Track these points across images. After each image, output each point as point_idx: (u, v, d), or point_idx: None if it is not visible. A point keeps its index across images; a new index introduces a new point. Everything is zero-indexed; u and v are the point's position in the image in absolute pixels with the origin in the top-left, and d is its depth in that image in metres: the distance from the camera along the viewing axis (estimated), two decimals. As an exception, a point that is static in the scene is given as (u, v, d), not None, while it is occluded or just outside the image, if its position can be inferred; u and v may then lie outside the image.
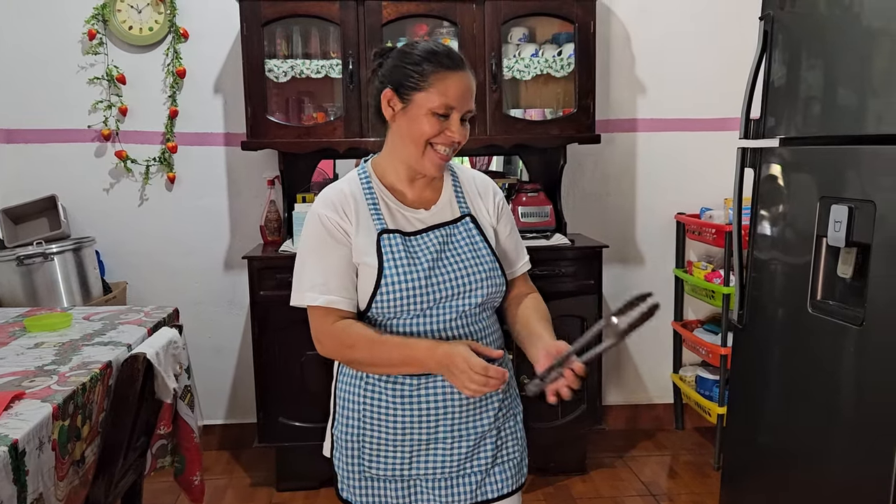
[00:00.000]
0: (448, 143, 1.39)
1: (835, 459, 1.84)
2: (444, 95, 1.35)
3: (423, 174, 1.44)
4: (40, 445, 1.38)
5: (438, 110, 1.36)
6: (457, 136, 1.38)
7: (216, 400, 3.33)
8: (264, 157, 3.19)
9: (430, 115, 1.36)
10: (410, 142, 1.39)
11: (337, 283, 1.40)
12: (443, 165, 1.43)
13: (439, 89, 1.35)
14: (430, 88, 1.36)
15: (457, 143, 1.40)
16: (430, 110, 1.36)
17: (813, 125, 1.96)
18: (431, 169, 1.41)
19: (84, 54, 3.10)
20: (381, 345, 1.37)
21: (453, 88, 1.36)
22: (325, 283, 1.39)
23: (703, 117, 3.35)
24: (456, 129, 1.38)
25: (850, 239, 1.76)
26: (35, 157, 3.14)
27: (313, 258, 1.41)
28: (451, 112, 1.37)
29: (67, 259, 2.83)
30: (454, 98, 1.36)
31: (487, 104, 2.93)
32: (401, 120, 1.40)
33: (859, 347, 1.75)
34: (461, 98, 1.37)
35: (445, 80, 1.36)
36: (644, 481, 2.97)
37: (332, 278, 1.40)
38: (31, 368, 1.70)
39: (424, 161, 1.40)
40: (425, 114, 1.36)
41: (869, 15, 1.76)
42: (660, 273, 3.41)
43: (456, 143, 1.40)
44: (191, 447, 2.08)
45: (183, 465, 2.08)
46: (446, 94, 1.35)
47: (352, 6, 2.84)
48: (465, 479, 1.47)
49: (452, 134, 1.38)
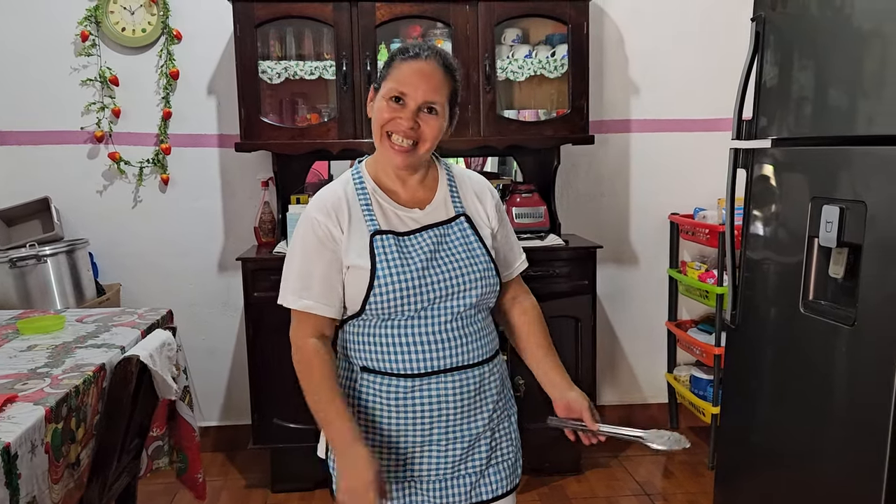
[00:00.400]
0: (399, 130, 1.38)
1: (827, 458, 1.85)
2: (397, 80, 1.38)
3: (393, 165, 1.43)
4: (33, 448, 1.38)
5: (391, 93, 1.38)
6: (404, 122, 1.37)
7: (211, 401, 3.33)
8: (258, 159, 3.19)
9: (387, 100, 1.39)
10: (375, 132, 1.42)
11: (318, 289, 1.41)
12: (404, 158, 1.40)
13: (394, 76, 1.39)
14: (389, 76, 1.40)
15: (412, 132, 1.38)
16: (384, 96, 1.39)
17: (804, 126, 1.97)
18: (394, 159, 1.41)
19: (77, 56, 3.10)
20: (323, 392, 1.39)
21: (407, 74, 1.38)
22: (305, 289, 1.41)
23: (697, 118, 3.36)
24: (406, 116, 1.37)
25: (841, 239, 1.77)
26: (28, 158, 3.13)
27: (298, 262, 1.43)
28: (406, 98, 1.38)
29: (61, 261, 2.82)
30: (406, 83, 1.37)
31: (481, 105, 2.94)
32: (371, 111, 1.44)
33: (851, 347, 1.76)
34: (414, 84, 1.37)
35: (401, 67, 1.39)
36: (639, 481, 2.98)
37: (314, 284, 1.41)
38: (24, 371, 1.70)
39: (387, 152, 1.41)
40: (383, 99, 1.40)
41: (860, 16, 1.77)
42: (654, 273, 3.42)
43: (410, 132, 1.38)
44: (192, 446, 2.10)
45: (186, 465, 2.11)
46: (398, 79, 1.38)
47: (345, 7, 2.84)
48: (459, 480, 1.47)
49: (402, 120, 1.37)
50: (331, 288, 1.42)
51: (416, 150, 1.40)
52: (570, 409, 1.48)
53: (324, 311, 1.42)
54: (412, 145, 1.39)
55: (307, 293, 1.41)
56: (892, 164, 1.65)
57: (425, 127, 1.39)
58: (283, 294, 1.43)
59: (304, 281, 1.41)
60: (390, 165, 1.44)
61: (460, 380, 1.43)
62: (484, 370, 1.46)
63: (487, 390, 1.47)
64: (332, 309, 1.42)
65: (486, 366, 1.47)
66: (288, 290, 1.43)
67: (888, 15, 1.68)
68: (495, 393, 1.49)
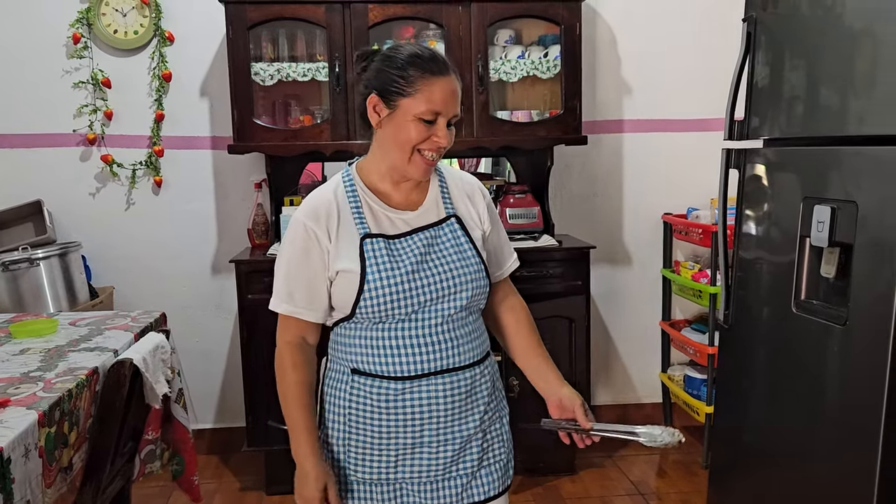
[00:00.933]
0: (435, 148, 1.39)
1: (819, 457, 1.86)
2: (431, 101, 1.35)
3: (408, 178, 1.45)
4: (26, 453, 1.38)
5: (425, 116, 1.35)
6: (443, 141, 1.38)
7: (205, 404, 3.32)
8: (251, 161, 3.18)
9: (417, 120, 1.36)
10: (397, 147, 1.39)
11: (302, 294, 1.42)
12: (429, 170, 1.43)
13: (425, 95, 1.35)
14: (417, 94, 1.35)
15: (443, 148, 1.41)
16: (417, 116, 1.35)
17: (796, 126, 1.98)
18: (418, 173, 1.41)
19: (69, 58, 3.09)
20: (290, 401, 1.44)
21: (439, 93, 1.35)
22: (290, 293, 1.42)
23: (689, 118, 3.37)
24: (443, 135, 1.37)
25: (832, 239, 1.77)
26: (20, 161, 3.12)
27: (285, 266, 1.44)
28: (438, 117, 1.37)
29: (53, 264, 2.81)
30: (440, 103, 1.36)
31: (474, 106, 2.94)
32: (387, 126, 1.39)
33: (843, 347, 1.76)
34: (447, 103, 1.37)
35: (431, 86, 1.35)
36: (633, 480, 2.99)
37: (299, 289, 1.42)
38: (17, 375, 1.69)
39: (411, 166, 1.40)
40: (412, 119, 1.36)
41: (850, 16, 1.78)
42: (647, 273, 3.43)
43: (442, 148, 1.40)
44: (188, 449, 2.10)
45: (182, 467, 2.11)
46: (432, 100, 1.35)
47: (338, 9, 2.84)
48: (451, 482, 1.48)
49: (439, 139, 1.38)
50: (315, 293, 1.42)
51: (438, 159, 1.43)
52: (563, 407, 1.49)
53: (307, 315, 1.43)
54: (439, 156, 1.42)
55: (291, 297, 1.42)
56: (882, 164, 1.65)
57: (451, 138, 1.41)
58: (273, 298, 1.46)
59: (290, 285, 1.42)
60: (410, 176, 1.43)
61: (451, 382, 1.43)
62: (475, 372, 1.46)
63: (478, 392, 1.48)
64: (316, 314, 1.43)
65: (476, 368, 1.47)
66: (275, 294, 1.45)
67: (878, 14, 1.69)
68: (486, 394, 1.49)
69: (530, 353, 1.56)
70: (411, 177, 1.43)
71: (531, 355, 1.56)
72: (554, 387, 1.52)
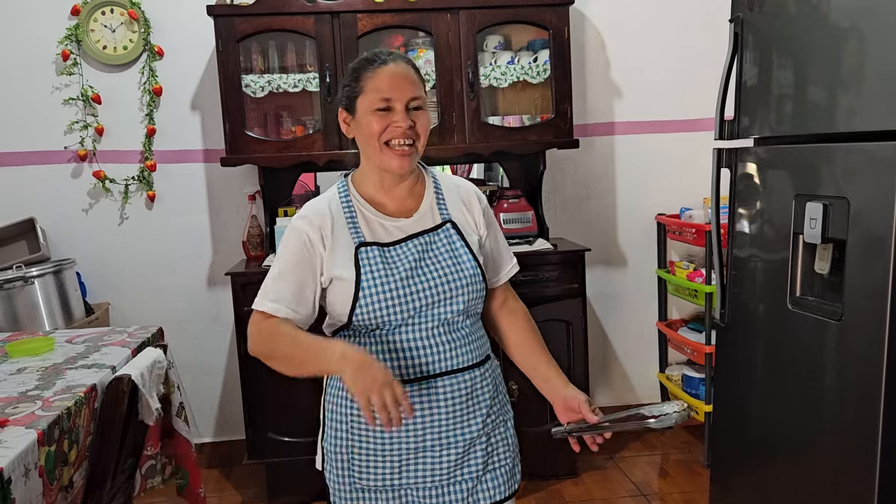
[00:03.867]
0: (398, 134, 1.40)
1: (819, 453, 1.87)
2: (377, 90, 1.40)
3: (393, 172, 1.44)
4: (26, 472, 1.37)
5: (378, 105, 1.40)
6: (402, 123, 1.39)
7: (204, 417, 3.31)
8: (244, 173, 3.18)
9: (373, 112, 1.40)
10: (368, 145, 1.43)
11: (289, 294, 1.42)
12: (406, 160, 1.42)
13: (371, 86, 1.40)
14: (365, 90, 1.41)
15: (410, 132, 1.40)
16: (371, 108, 1.40)
17: (786, 124, 1.99)
18: (395, 166, 1.42)
19: (58, 75, 3.09)
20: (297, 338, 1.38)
21: (384, 81, 1.40)
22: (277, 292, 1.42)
23: (679, 118, 3.39)
24: (401, 118, 1.39)
25: (825, 235, 1.78)
26: (12, 179, 3.12)
27: (277, 270, 1.45)
28: (391, 103, 1.39)
29: (48, 282, 2.81)
30: (387, 90, 1.39)
31: (465, 112, 2.95)
32: (356, 131, 1.45)
33: (839, 341, 1.77)
34: (395, 87, 1.39)
35: (375, 77, 1.40)
36: (635, 482, 2.99)
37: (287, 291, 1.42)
38: (14, 394, 1.68)
39: (385, 160, 1.42)
40: (370, 113, 1.40)
41: (836, 13, 1.79)
42: (642, 274, 3.44)
43: (409, 132, 1.40)
44: (191, 462, 2.10)
45: (186, 480, 2.10)
46: (379, 88, 1.40)
47: (327, 19, 2.84)
48: (456, 486, 1.47)
49: (397, 122, 1.39)
50: (301, 297, 1.43)
51: (415, 148, 1.43)
52: (568, 407, 1.48)
53: (288, 314, 1.42)
54: (411, 145, 1.41)
55: (277, 296, 1.42)
56: (873, 159, 1.67)
57: (418, 123, 1.41)
58: (258, 297, 1.44)
59: (278, 285, 1.43)
60: (389, 173, 1.44)
61: (451, 385, 1.43)
62: (475, 374, 1.47)
63: (480, 395, 1.48)
64: (298, 316, 1.43)
65: (476, 370, 1.47)
66: (261, 293, 1.44)
67: (864, 11, 1.70)
68: (488, 398, 1.50)
69: (532, 356, 1.56)
70: (393, 171, 1.43)
71: (533, 358, 1.56)
72: (557, 388, 1.51)
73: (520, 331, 1.58)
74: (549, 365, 1.55)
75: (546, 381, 1.53)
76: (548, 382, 1.53)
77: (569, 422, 1.49)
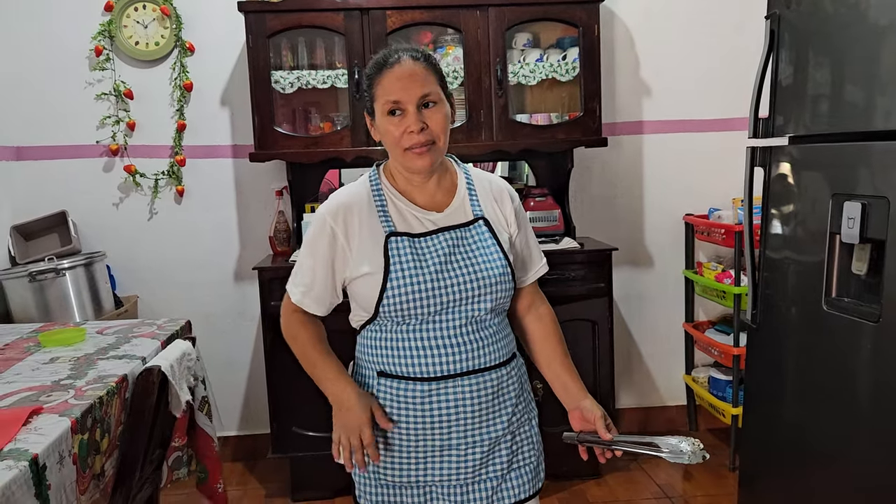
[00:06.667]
0: (414, 140, 1.38)
1: (855, 458, 1.83)
2: (385, 94, 1.39)
3: (417, 173, 1.43)
4: (61, 459, 1.39)
5: (386, 109, 1.39)
6: (414, 127, 1.37)
7: (229, 411, 3.33)
8: (272, 168, 3.20)
9: (387, 116, 1.40)
10: (389, 148, 1.43)
11: (317, 290, 1.48)
12: (428, 160, 1.40)
13: (380, 91, 1.40)
14: (377, 94, 1.41)
15: (424, 132, 1.38)
16: (384, 113, 1.40)
17: (822, 123, 1.96)
18: (419, 166, 1.41)
19: (91, 70, 3.13)
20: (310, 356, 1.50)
21: (390, 83, 1.38)
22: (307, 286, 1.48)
23: (709, 118, 3.35)
24: (412, 121, 1.37)
25: (864, 235, 1.75)
26: (45, 173, 3.16)
27: (304, 259, 1.49)
28: (402, 105, 1.38)
29: (79, 274, 2.84)
30: (394, 92, 1.38)
31: (493, 110, 2.94)
32: (379, 134, 1.44)
33: (876, 344, 1.74)
34: (403, 88, 1.37)
35: (382, 81, 1.40)
36: (659, 484, 2.96)
37: (315, 285, 1.48)
38: (48, 383, 1.70)
39: (407, 162, 1.42)
40: (384, 118, 1.40)
41: (875, 12, 1.76)
42: (669, 274, 3.40)
43: (423, 133, 1.38)
44: (211, 456, 2.11)
45: (206, 475, 2.11)
46: (387, 92, 1.39)
47: (356, 16, 2.85)
48: (480, 484, 1.47)
49: (411, 128, 1.37)
50: (326, 289, 1.47)
51: (436, 146, 1.40)
52: (584, 419, 1.47)
53: (315, 310, 1.50)
54: (430, 144, 1.39)
55: (307, 290, 1.48)
56: (913, 158, 1.63)
57: (432, 121, 1.39)
58: (290, 283, 1.51)
59: (306, 278, 1.48)
60: (414, 172, 1.44)
61: (477, 383, 1.43)
62: (501, 373, 1.46)
63: (506, 393, 1.47)
64: (323, 308, 1.51)
65: (503, 368, 1.46)
66: (293, 282, 1.50)
67: (905, 9, 1.67)
68: (514, 396, 1.49)
69: (554, 364, 1.55)
70: (417, 171, 1.43)
71: (555, 365, 1.55)
72: (575, 398, 1.50)
73: (545, 338, 1.56)
74: (569, 374, 1.53)
75: (565, 389, 1.52)
76: (567, 391, 1.52)
77: (581, 430, 1.48)
